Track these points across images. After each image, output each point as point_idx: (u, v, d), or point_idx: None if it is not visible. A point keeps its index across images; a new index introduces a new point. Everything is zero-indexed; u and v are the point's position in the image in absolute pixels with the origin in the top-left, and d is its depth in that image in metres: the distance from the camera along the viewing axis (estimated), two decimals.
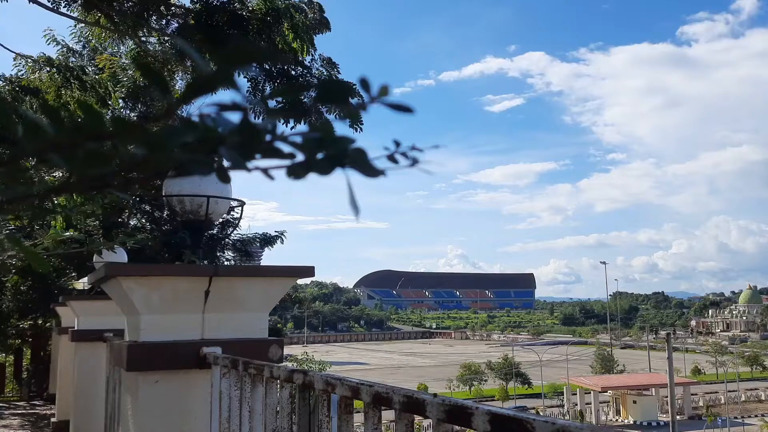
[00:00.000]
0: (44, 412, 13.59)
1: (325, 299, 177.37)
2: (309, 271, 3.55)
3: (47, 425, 11.50)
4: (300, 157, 0.53)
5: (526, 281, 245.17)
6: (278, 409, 2.38)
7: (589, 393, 55.61)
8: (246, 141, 0.52)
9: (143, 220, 16.80)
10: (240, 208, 4.22)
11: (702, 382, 69.45)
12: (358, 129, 6.31)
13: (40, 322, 19.04)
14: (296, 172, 0.53)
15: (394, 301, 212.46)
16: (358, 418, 1.95)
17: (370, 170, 0.54)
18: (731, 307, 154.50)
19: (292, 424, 2.30)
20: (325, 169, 0.53)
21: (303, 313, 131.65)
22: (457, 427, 1.43)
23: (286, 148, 0.54)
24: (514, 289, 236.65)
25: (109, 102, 8.86)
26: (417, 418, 1.58)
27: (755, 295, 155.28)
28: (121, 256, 7.68)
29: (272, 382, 2.47)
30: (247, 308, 3.55)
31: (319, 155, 0.52)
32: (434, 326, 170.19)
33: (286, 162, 0.53)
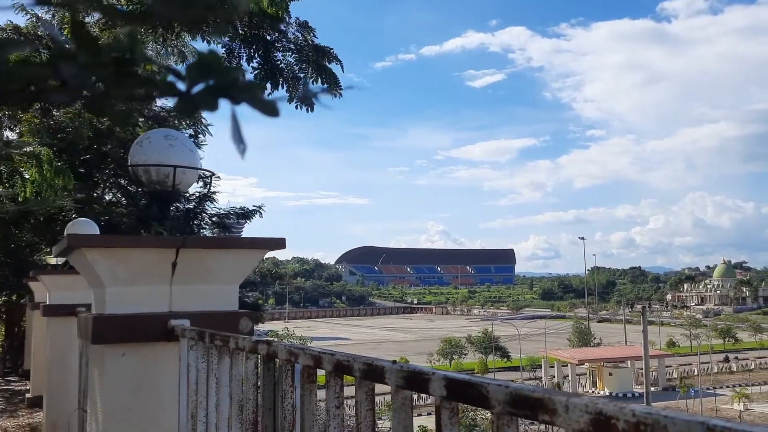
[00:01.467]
0: (19, 388, 13.48)
1: (306, 275, 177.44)
2: (279, 243, 3.49)
3: (22, 401, 11.40)
4: (182, 86, 0.47)
5: (506, 257, 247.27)
6: (244, 380, 2.33)
7: (567, 366, 56.55)
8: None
9: (119, 195, 16.59)
10: (209, 179, 4.12)
11: (676, 354, 70.96)
12: (338, 95, 6.20)
13: (14, 297, 18.81)
14: (183, 107, 0.47)
15: (376, 277, 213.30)
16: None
17: (262, 105, 0.49)
18: (706, 282, 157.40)
19: (258, 395, 2.26)
20: (210, 101, 0.47)
21: (284, 289, 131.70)
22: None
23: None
24: (495, 264, 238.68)
25: None
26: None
27: (729, 269, 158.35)
28: (92, 230, 7.55)
29: (238, 354, 2.41)
30: (216, 280, 3.48)
31: (204, 84, 0.46)
32: (415, 302, 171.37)
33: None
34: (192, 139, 17.93)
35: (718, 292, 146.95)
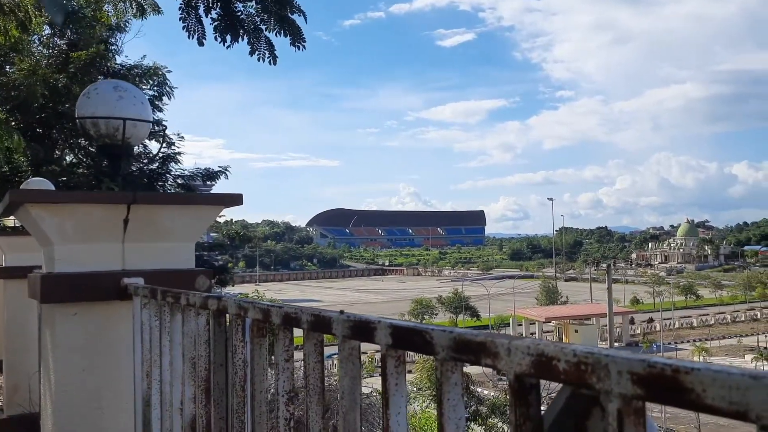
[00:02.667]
0: None
1: (276, 238, 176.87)
2: (236, 199, 3.39)
3: None
4: None
5: (477, 218, 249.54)
6: (196, 336, 2.26)
7: (534, 323, 57.82)
8: None
9: (80, 156, 16.15)
10: (162, 133, 3.98)
11: (640, 311, 72.94)
12: (301, 47, 6.02)
13: None
14: None
15: (347, 239, 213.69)
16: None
17: None
18: (669, 241, 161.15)
19: (210, 351, 2.20)
20: None
21: (254, 252, 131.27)
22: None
23: None
24: (465, 226, 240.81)
25: (30, 27, 8.26)
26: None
27: (692, 228, 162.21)
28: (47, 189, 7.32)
29: (189, 310, 2.34)
30: (170, 238, 3.38)
31: None
32: (387, 263, 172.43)
33: None
34: (156, 101, 17.52)
35: (681, 250, 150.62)
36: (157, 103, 17.63)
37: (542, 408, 0.94)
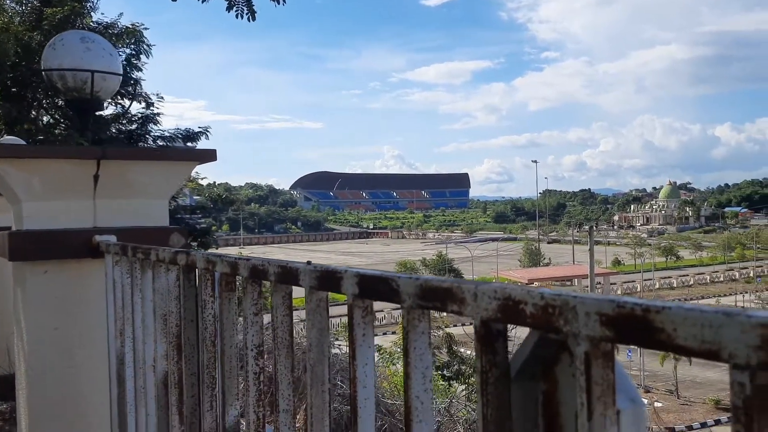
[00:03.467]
0: None
1: (260, 201, 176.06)
2: (209, 155, 3.31)
3: None
4: None
5: (461, 181, 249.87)
6: (166, 292, 2.21)
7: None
8: None
9: (57, 116, 15.78)
10: (136, 90, 3.86)
11: (621, 272, 73.96)
12: (282, 1, 5.86)
13: None
14: None
15: (331, 202, 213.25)
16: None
17: None
18: (652, 203, 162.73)
19: (180, 308, 2.15)
20: None
21: (238, 215, 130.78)
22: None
23: None
24: (449, 189, 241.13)
25: None
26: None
27: (674, 190, 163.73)
28: None
29: (160, 266, 2.28)
30: (143, 194, 3.30)
31: None
32: (371, 226, 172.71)
33: None
34: (133, 59, 17.08)
35: (663, 212, 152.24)
36: (134, 62, 17.20)
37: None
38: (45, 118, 16.20)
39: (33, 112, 15.96)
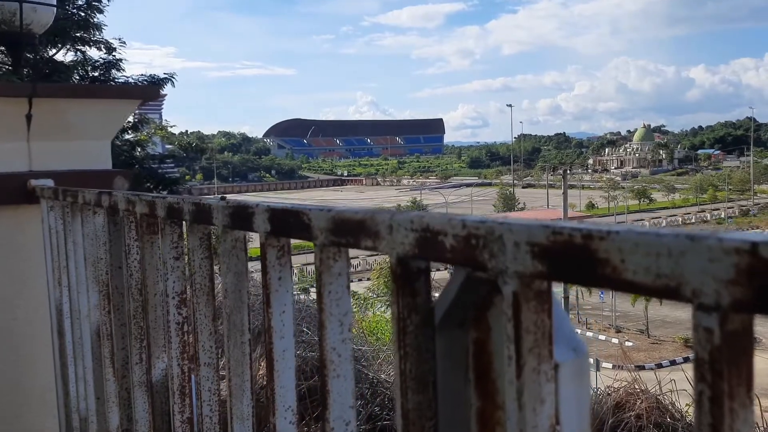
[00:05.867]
0: None
1: (233, 149, 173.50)
2: (150, 92, 3.08)
3: None
4: None
5: (436, 127, 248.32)
6: (94, 237, 2.03)
7: None
8: None
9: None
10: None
11: (595, 215, 74.91)
12: None
13: None
14: None
15: (305, 150, 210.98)
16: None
17: None
18: (626, 146, 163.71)
19: (108, 253, 1.97)
20: None
21: (211, 164, 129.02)
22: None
23: None
24: (424, 135, 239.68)
25: None
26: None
27: (648, 133, 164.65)
28: None
29: (87, 209, 2.09)
30: (82, 135, 3.07)
31: None
32: (346, 174, 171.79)
33: None
34: (94, 2, 16.29)
35: (637, 155, 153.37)
36: (95, 4, 16.40)
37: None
38: None
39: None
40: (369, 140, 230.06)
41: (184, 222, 1.32)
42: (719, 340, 0.43)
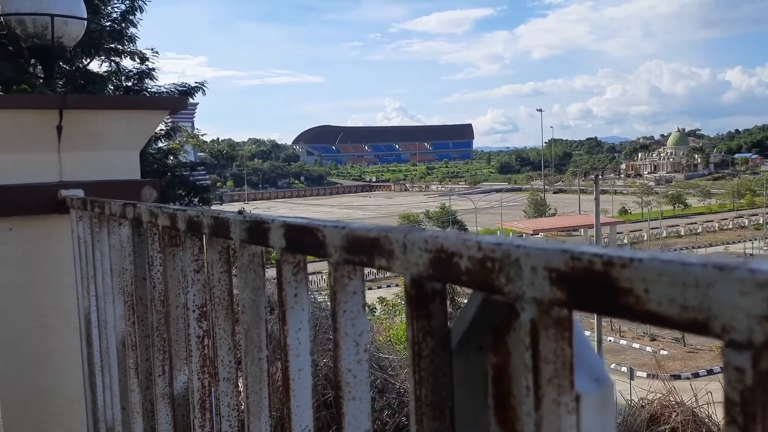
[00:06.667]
0: None
1: (263, 156, 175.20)
2: (179, 103, 3.10)
3: None
4: None
5: (464, 132, 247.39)
6: (119, 248, 2.04)
7: (522, 236, 58.36)
8: None
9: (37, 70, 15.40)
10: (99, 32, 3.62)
11: (628, 221, 73.73)
12: None
13: None
14: None
15: (334, 156, 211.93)
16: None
17: None
18: (659, 150, 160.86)
19: (133, 264, 1.98)
20: None
21: (242, 170, 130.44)
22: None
23: None
24: (453, 140, 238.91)
25: None
26: None
27: (683, 137, 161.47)
28: None
29: (113, 220, 2.11)
30: (111, 146, 3.11)
31: None
32: (374, 180, 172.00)
33: None
34: (128, 15, 16.61)
35: (671, 159, 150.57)
36: (129, 17, 16.69)
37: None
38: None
39: (31, 69, 15.61)
40: (397, 146, 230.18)
41: (204, 235, 1.30)
42: (751, 381, 0.39)
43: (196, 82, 17.18)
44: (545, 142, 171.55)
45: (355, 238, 0.77)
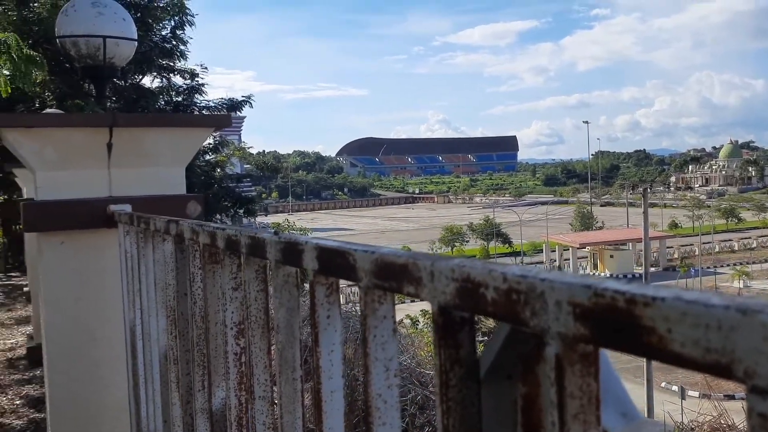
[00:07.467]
0: (20, 282, 13.61)
1: (307, 168, 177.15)
2: (223, 120, 3.18)
3: (21, 295, 11.51)
4: None
5: (509, 144, 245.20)
6: (163, 263, 2.09)
7: (568, 249, 57.41)
8: None
9: (109, 93, 15.95)
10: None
11: (678, 235, 71.80)
12: None
13: (15, 197, 18.71)
14: None
15: (377, 168, 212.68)
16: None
17: None
18: (711, 163, 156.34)
19: (175, 280, 2.03)
20: None
21: (286, 182, 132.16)
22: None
23: None
24: (497, 152, 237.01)
25: None
26: None
27: (736, 149, 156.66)
28: None
29: (157, 236, 2.17)
30: (158, 162, 3.20)
31: None
32: (417, 191, 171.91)
33: None
34: (179, 32, 17.08)
35: (724, 172, 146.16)
36: (179, 34, 17.16)
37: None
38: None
39: (85, 86, 16.18)
40: (441, 158, 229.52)
41: (241, 254, 1.33)
42: None
43: (243, 97, 17.54)
44: (592, 154, 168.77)
45: (385, 264, 0.78)
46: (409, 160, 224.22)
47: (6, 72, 8.57)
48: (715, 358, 0.41)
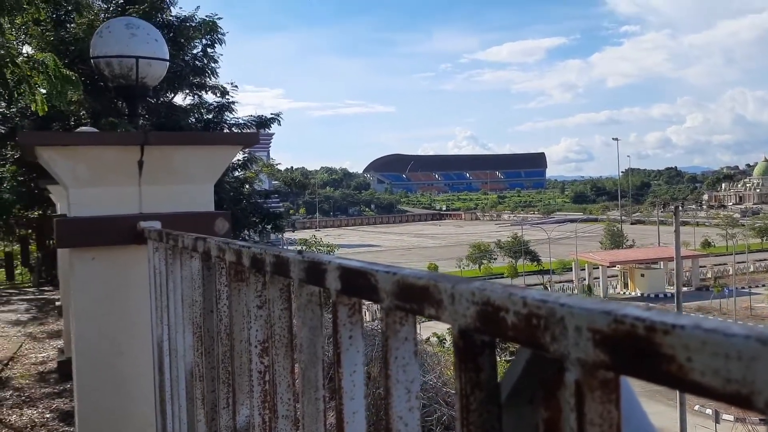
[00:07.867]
0: (53, 297, 13.87)
1: (335, 185, 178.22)
2: (251, 138, 3.22)
3: (53, 309, 11.73)
4: None
5: (537, 161, 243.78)
6: (190, 280, 2.12)
7: (598, 268, 56.57)
8: None
9: (142, 111, 16.29)
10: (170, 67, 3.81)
11: (711, 254, 70.37)
12: None
13: (49, 212, 19.17)
14: None
15: (404, 184, 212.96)
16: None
17: None
18: (745, 180, 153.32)
19: (202, 297, 2.05)
20: None
21: (314, 198, 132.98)
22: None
23: None
24: (525, 169, 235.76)
25: None
26: None
27: None
28: None
29: (185, 253, 2.20)
30: (187, 180, 3.25)
31: None
32: (444, 208, 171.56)
33: None
34: (210, 50, 17.40)
35: (758, 190, 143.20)
36: (210, 53, 17.49)
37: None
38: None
39: (119, 104, 16.57)
40: (468, 175, 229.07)
41: (266, 272, 1.34)
42: None
43: (272, 114, 17.81)
44: (622, 172, 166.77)
45: (406, 285, 0.78)
46: (437, 176, 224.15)
47: (43, 91, 8.82)
48: (736, 388, 0.40)
